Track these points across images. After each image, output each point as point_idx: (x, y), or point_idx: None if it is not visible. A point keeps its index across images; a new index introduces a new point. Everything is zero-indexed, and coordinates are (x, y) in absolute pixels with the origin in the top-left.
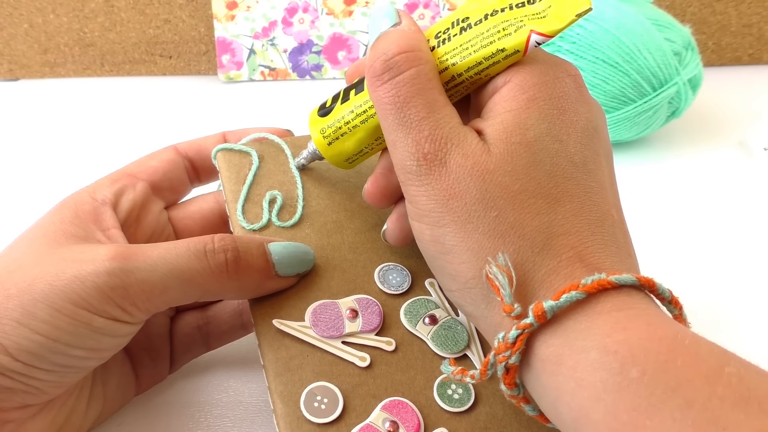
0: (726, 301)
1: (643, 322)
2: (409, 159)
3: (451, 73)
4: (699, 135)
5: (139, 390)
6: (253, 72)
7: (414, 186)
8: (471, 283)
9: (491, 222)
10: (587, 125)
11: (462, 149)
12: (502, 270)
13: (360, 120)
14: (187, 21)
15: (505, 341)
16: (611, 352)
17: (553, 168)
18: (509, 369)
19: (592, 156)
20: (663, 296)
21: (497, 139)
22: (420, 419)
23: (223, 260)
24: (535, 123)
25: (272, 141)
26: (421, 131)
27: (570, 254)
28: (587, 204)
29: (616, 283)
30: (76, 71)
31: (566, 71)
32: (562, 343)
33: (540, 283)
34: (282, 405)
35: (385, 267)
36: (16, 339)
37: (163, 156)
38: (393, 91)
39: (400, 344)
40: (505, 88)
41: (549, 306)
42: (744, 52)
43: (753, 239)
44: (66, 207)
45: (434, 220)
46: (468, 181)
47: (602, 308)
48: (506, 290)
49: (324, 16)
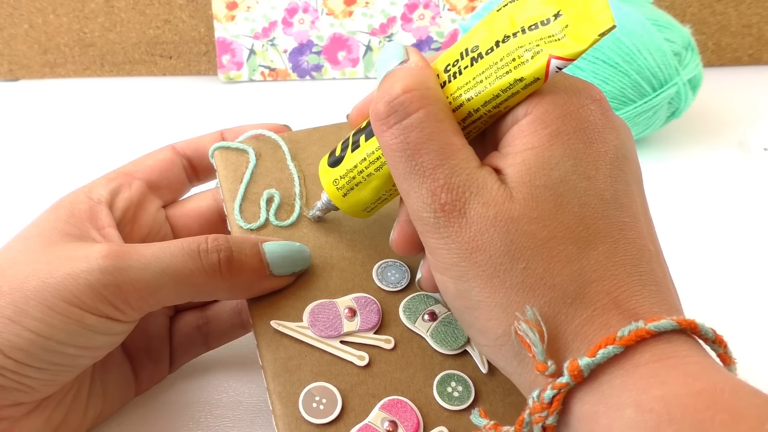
0: (726, 301)
1: (681, 373)
2: (425, 210)
3: (466, 110)
4: (699, 135)
5: (138, 390)
6: (253, 72)
7: (433, 238)
8: (501, 340)
9: (519, 275)
10: (617, 154)
11: (482, 197)
12: (532, 326)
13: (374, 168)
14: (187, 21)
15: (540, 401)
16: (647, 410)
17: (582, 209)
18: (546, 429)
19: (624, 188)
20: (706, 337)
21: (520, 183)
22: (419, 418)
23: (216, 260)
24: (560, 161)
25: (269, 138)
26: (435, 180)
27: (605, 301)
28: (621, 242)
29: (655, 331)
30: (76, 71)
31: (590, 96)
32: (597, 399)
33: (574, 335)
34: (281, 406)
35: (384, 264)
36: (8, 336)
37: (160, 155)
38: (401, 136)
39: (399, 342)
40: (525, 120)
41: (585, 363)
42: (744, 53)
43: (753, 239)
44: (62, 206)
45: (458, 274)
46: (491, 232)
47: (639, 360)
48: (538, 347)
49: (324, 17)
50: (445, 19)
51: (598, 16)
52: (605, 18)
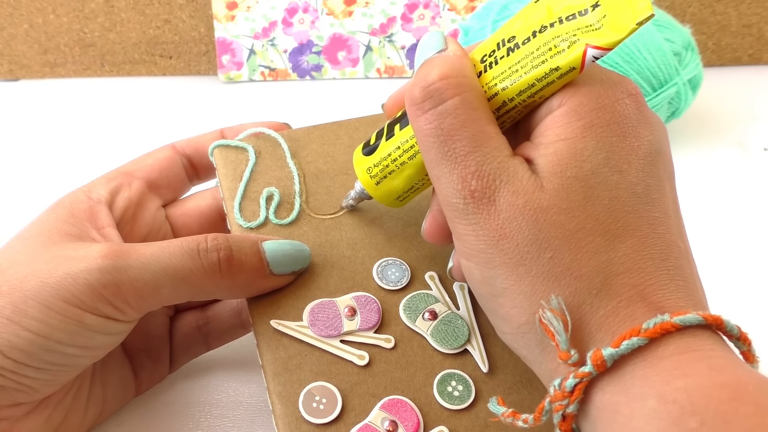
0: (726, 301)
1: (705, 366)
2: (455, 196)
3: (501, 99)
4: (699, 135)
5: (138, 390)
6: (253, 72)
7: (461, 224)
8: (524, 328)
9: (545, 264)
10: (650, 149)
11: (512, 186)
12: (557, 314)
13: (408, 156)
14: (187, 21)
15: (562, 389)
16: (669, 401)
17: (612, 202)
18: (566, 417)
19: (656, 183)
20: (731, 333)
21: (551, 173)
22: (419, 418)
23: (216, 259)
24: (593, 153)
25: (269, 136)
26: (467, 167)
27: (631, 293)
28: (651, 237)
29: (681, 324)
30: (77, 71)
31: (626, 91)
32: (619, 390)
33: (598, 326)
34: (281, 405)
35: (384, 262)
36: (7, 336)
37: (160, 154)
38: (435, 122)
39: (400, 341)
40: (558, 111)
41: (609, 354)
42: (744, 53)
43: (753, 239)
44: (61, 206)
45: (484, 261)
46: (520, 221)
47: (663, 352)
48: (562, 336)
49: (324, 17)
50: (445, 19)
51: (636, 5)
52: (644, 7)
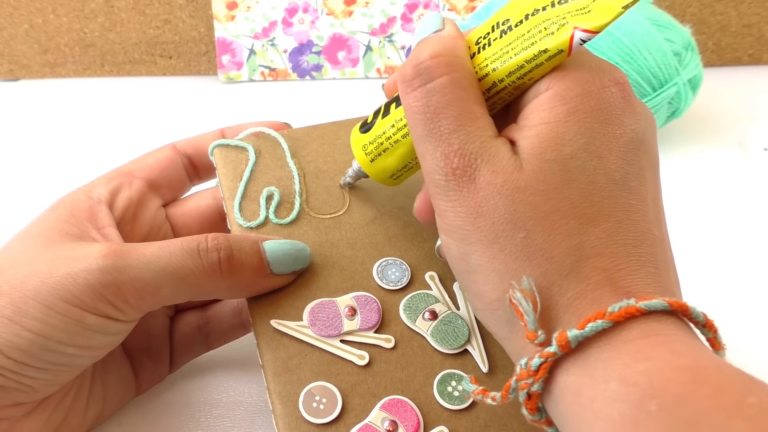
0: (726, 302)
1: (666, 350)
2: (437, 173)
3: (492, 80)
4: (699, 135)
5: (138, 390)
6: (253, 72)
7: (442, 201)
8: (495, 305)
9: (519, 243)
10: (632, 138)
11: (492, 165)
12: (527, 295)
13: (401, 134)
14: (187, 21)
15: (527, 368)
16: (630, 384)
17: (589, 186)
18: (531, 395)
19: (636, 171)
20: (697, 320)
21: (530, 155)
22: (419, 418)
23: (216, 259)
24: (573, 138)
25: (269, 135)
26: (450, 144)
27: (600, 277)
28: (625, 223)
29: (645, 309)
30: (77, 71)
31: (613, 79)
32: (582, 372)
33: (565, 307)
34: (281, 405)
35: (384, 262)
36: (8, 336)
37: (160, 154)
38: (423, 99)
39: (400, 341)
40: (545, 95)
41: (573, 335)
42: (744, 53)
43: (753, 239)
44: (61, 206)
45: (461, 237)
46: (497, 200)
47: (627, 336)
48: (530, 316)
49: (324, 17)
50: None
51: None
52: None
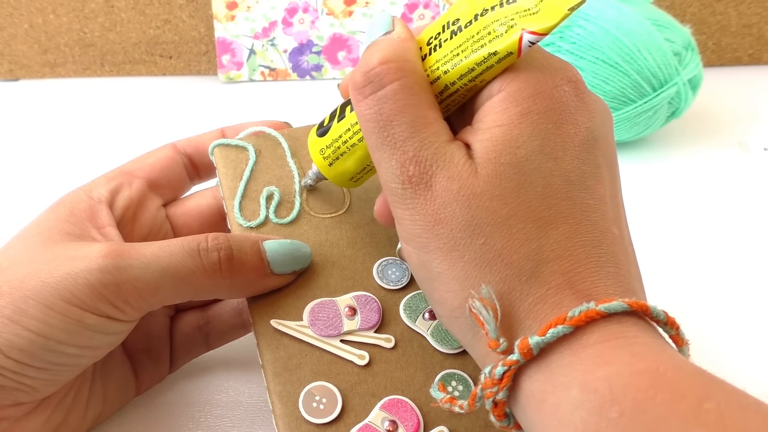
0: (725, 302)
1: (627, 354)
2: (393, 181)
3: (444, 82)
4: (699, 135)
5: (138, 390)
6: (253, 72)
7: (400, 209)
8: (457, 312)
9: (477, 250)
10: (587, 136)
11: (447, 171)
12: (486, 303)
13: (358, 138)
14: (187, 21)
15: (491, 377)
16: (591, 390)
17: (545, 189)
18: (497, 403)
19: (592, 170)
20: (658, 319)
21: (485, 159)
22: (419, 418)
23: (217, 259)
24: (528, 140)
25: (269, 135)
26: (405, 152)
27: (560, 281)
28: (583, 224)
29: (605, 312)
30: (76, 71)
31: (565, 77)
32: (545, 378)
33: (527, 313)
34: (281, 405)
35: (384, 262)
36: (8, 336)
37: (160, 153)
38: (375, 107)
39: (400, 341)
40: (497, 97)
41: (535, 342)
42: (744, 53)
43: (753, 239)
44: (62, 205)
45: (420, 245)
46: (454, 207)
47: (588, 340)
48: (491, 325)
49: (324, 17)
50: None
51: None
52: None
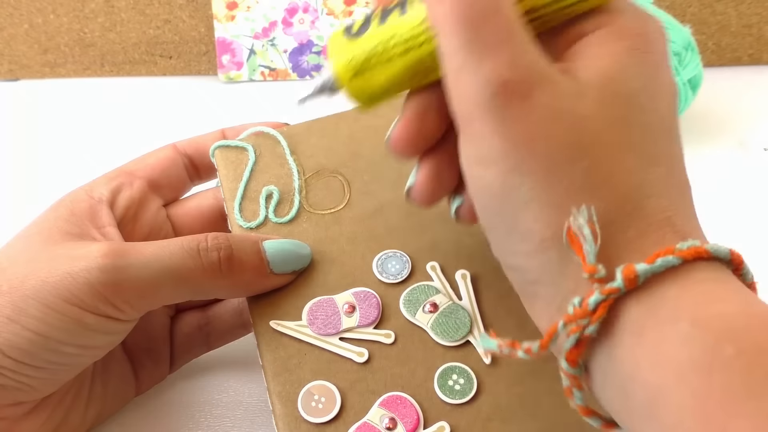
0: None
1: (739, 296)
2: (482, 88)
3: (531, 3)
4: (699, 135)
5: (139, 390)
6: (253, 72)
7: (487, 123)
8: (547, 244)
9: (581, 173)
10: (673, 90)
11: (550, 87)
12: (588, 224)
13: (401, 49)
14: (187, 21)
15: (582, 307)
16: (704, 326)
17: (647, 127)
18: (580, 342)
19: (675, 123)
20: (745, 279)
21: (593, 86)
22: (419, 414)
23: (216, 258)
24: (635, 76)
25: (269, 134)
26: (499, 55)
27: (661, 218)
28: (675, 170)
29: (712, 252)
30: (77, 71)
31: (657, 27)
32: (647, 311)
33: (626, 245)
34: (280, 405)
35: (384, 255)
36: (7, 336)
37: (161, 154)
38: (465, 3)
39: (400, 336)
40: (601, 31)
41: (643, 269)
42: (744, 53)
43: (753, 239)
44: (62, 205)
45: (510, 166)
46: (557, 123)
47: (696, 277)
48: (591, 247)
49: (324, 17)
50: None
51: None
52: None
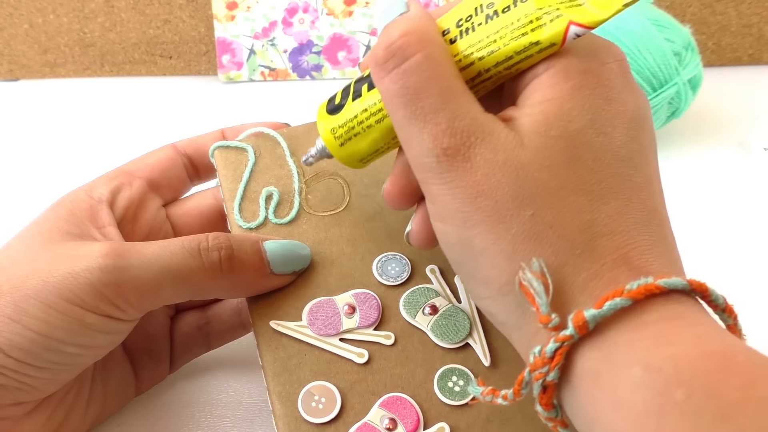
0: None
1: (692, 335)
2: (427, 156)
3: (477, 69)
4: (699, 135)
5: (139, 390)
6: (253, 72)
7: (435, 184)
8: (505, 290)
9: (526, 221)
10: (635, 116)
11: (490, 143)
12: (537, 276)
13: (375, 119)
14: (187, 21)
15: (541, 356)
16: (655, 370)
17: (596, 163)
18: (546, 387)
19: (639, 149)
20: (716, 303)
21: (534, 132)
22: (419, 415)
23: (217, 258)
24: (579, 114)
25: (269, 135)
26: (437, 124)
27: (615, 256)
28: (634, 201)
29: (665, 287)
30: (77, 71)
31: (613, 55)
32: (601, 356)
33: (580, 288)
34: (280, 405)
35: (384, 257)
36: (9, 335)
37: (161, 154)
38: (400, 81)
39: (400, 337)
40: (546, 75)
41: (591, 315)
42: (744, 53)
43: (753, 239)
44: (62, 205)
45: (461, 221)
46: (499, 177)
47: (648, 318)
48: (542, 299)
49: (324, 17)
50: None
51: None
52: None
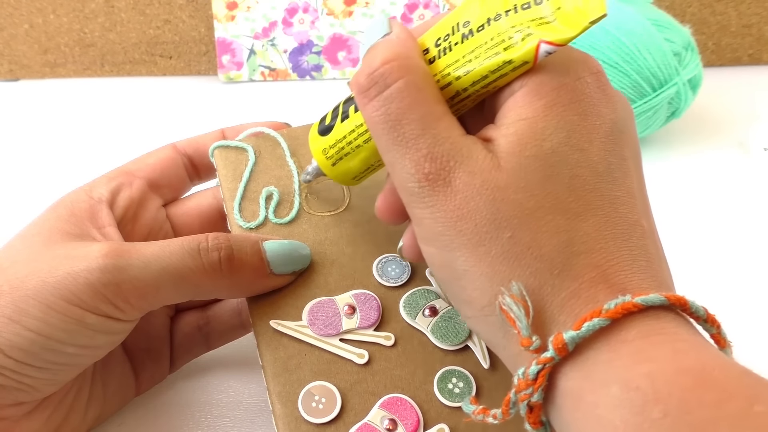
0: (726, 302)
1: (669, 350)
2: (409, 181)
3: (455, 88)
4: (699, 135)
5: (139, 390)
6: (253, 72)
7: (418, 208)
8: (487, 311)
9: (505, 244)
10: (612, 128)
11: (467, 166)
12: (517, 300)
13: (363, 139)
14: (188, 21)
15: (525, 378)
16: (633, 388)
17: (572, 180)
18: (533, 407)
19: (618, 162)
20: (697, 315)
21: (509, 153)
22: (419, 416)
23: (217, 258)
24: (553, 132)
25: (269, 135)
26: (418, 150)
27: (593, 274)
28: (613, 216)
29: (643, 305)
30: (77, 71)
31: (587, 69)
32: (582, 376)
33: (560, 308)
34: (280, 405)
35: (384, 259)
36: (8, 336)
37: (161, 154)
38: (382, 108)
39: (400, 338)
40: (520, 92)
41: (570, 337)
42: (744, 53)
43: (753, 239)
44: (62, 205)
45: (443, 243)
46: (477, 201)
47: (626, 336)
48: (522, 322)
49: (324, 17)
50: None
51: (590, 1)
52: (597, 5)
